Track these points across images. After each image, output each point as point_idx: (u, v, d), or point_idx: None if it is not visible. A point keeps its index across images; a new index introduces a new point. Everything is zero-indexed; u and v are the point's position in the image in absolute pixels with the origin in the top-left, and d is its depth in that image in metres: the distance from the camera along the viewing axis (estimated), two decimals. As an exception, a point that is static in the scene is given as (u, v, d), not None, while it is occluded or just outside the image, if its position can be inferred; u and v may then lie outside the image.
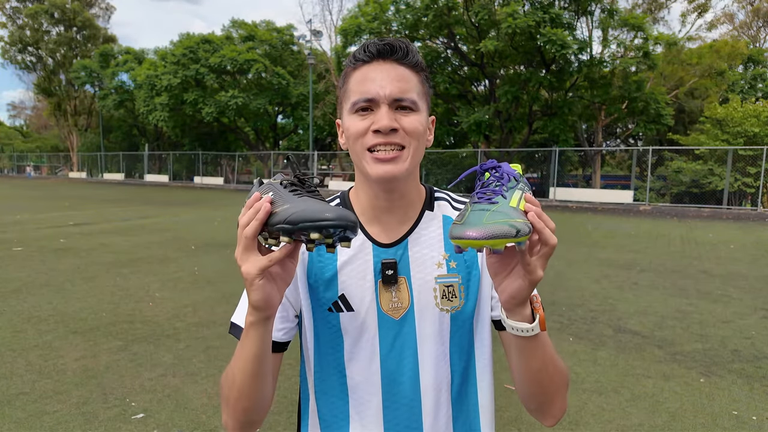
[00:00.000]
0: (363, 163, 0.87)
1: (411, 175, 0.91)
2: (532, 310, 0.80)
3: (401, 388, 0.93)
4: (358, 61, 0.89)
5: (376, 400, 0.93)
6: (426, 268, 0.93)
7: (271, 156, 32.84)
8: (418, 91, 0.88)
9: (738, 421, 3.08)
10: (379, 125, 0.84)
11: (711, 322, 5.01)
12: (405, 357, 0.92)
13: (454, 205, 1.00)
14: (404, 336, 0.92)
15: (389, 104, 0.85)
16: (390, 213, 0.94)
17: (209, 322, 4.79)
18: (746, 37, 36.14)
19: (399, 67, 0.87)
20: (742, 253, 9.17)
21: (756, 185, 18.98)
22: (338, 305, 0.92)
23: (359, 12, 24.29)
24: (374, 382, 0.93)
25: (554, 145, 23.24)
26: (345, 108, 0.90)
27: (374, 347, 0.92)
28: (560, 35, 19.34)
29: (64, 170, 52.12)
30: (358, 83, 0.87)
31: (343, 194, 1.02)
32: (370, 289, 0.92)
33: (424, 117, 0.89)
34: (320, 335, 0.95)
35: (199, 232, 11.06)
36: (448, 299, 0.92)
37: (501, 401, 3.24)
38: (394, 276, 0.91)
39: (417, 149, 0.88)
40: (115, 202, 19.35)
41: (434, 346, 0.92)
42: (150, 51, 38.72)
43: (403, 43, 0.88)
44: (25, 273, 6.70)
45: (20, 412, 3.04)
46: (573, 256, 8.64)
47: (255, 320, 0.77)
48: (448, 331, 0.93)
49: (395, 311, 0.92)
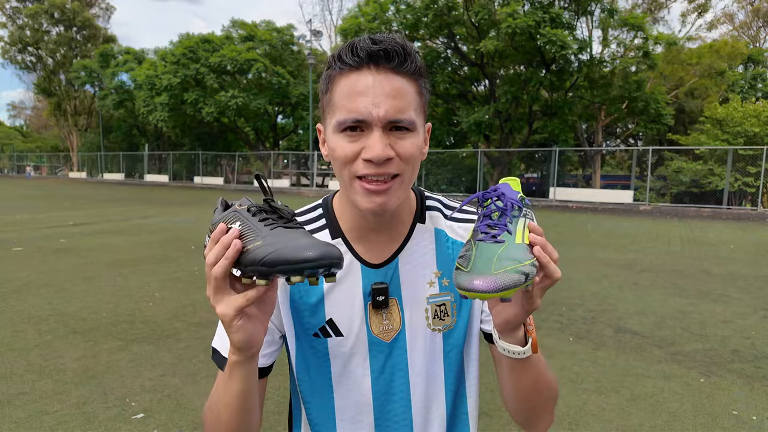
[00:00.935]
0: (351, 191, 0.78)
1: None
2: (525, 332, 0.78)
3: (393, 407, 0.90)
4: (344, 65, 0.75)
5: (368, 420, 0.90)
6: (418, 288, 0.88)
7: (271, 156, 32.85)
8: (417, 106, 0.77)
9: (738, 421, 3.08)
10: (372, 155, 0.73)
11: (711, 322, 5.01)
12: (396, 378, 0.89)
13: (446, 213, 0.93)
14: (395, 357, 0.89)
15: (383, 126, 0.73)
16: (380, 232, 0.87)
17: (209, 322, 4.79)
18: (746, 37, 36.16)
19: (395, 77, 0.74)
20: (742, 253, 9.17)
21: (756, 185, 18.98)
22: (326, 330, 0.87)
23: (359, 12, 24.28)
24: (365, 403, 0.89)
25: (554, 145, 23.24)
26: (329, 122, 0.78)
27: (365, 370, 0.88)
28: (560, 35, 19.34)
29: (64, 170, 52.11)
30: (346, 97, 0.74)
31: (325, 203, 0.92)
32: (360, 313, 0.86)
33: (421, 136, 0.79)
34: (305, 360, 0.90)
35: (199, 232, 11.05)
36: (440, 318, 0.89)
37: (499, 402, 3.23)
38: (386, 300, 0.86)
39: (412, 173, 0.79)
40: (115, 202, 19.35)
41: (426, 366, 0.89)
42: (150, 51, 38.75)
43: (399, 45, 0.74)
44: (25, 273, 6.70)
45: (20, 412, 3.04)
46: (573, 256, 8.64)
47: (239, 360, 0.71)
48: (440, 350, 0.90)
49: (386, 334, 0.88)
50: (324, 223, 0.90)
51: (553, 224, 13.79)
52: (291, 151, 34.96)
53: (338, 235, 0.88)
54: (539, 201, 22.17)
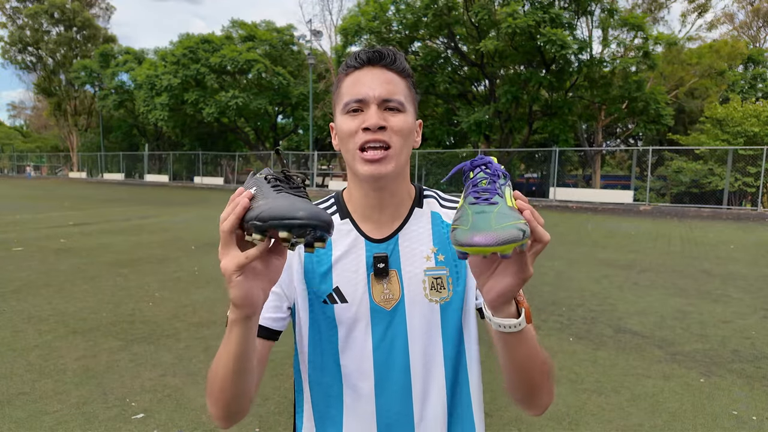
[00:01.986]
0: (354, 162, 0.94)
1: (400, 175, 0.98)
2: (517, 304, 0.80)
3: (392, 375, 0.97)
4: (350, 67, 0.97)
5: (368, 388, 0.97)
6: (415, 261, 0.98)
7: (271, 156, 32.84)
8: (405, 95, 0.95)
9: (738, 421, 3.08)
10: (369, 123, 0.90)
11: (711, 322, 5.01)
12: (396, 346, 0.97)
13: (441, 203, 1.06)
14: (396, 326, 0.97)
15: (378, 104, 0.92)
16: (381, 211, 1.00)
17: (209, 322, 4.79)
18: (746, 37, 36.15)
19: (387, 72, 0.95)
20: (742, 253, 9.17)
21: (756, 185, 18.98)
22: (333, 297, 0.97)
23: (359, 12, 24.29)
24: (366, 370, 0.97)
25: (554, 145, 23.23)
26: (338, 110, 0.97)
27: (366, 336, 0.97)
28: (560, 35, 19.34)
29: (64, 170, 52.12)
30: (350, 87, 0.94)
31: (337, 194, 1.07)
32: (363, 282, 0.97)
33: (410, 118, 0.96)
34: (316, 326, 0.99)
35: (199, 232, 11.05)
36: (437, 290, 0.98)
37: (501, 401, 3.24)
38: (386, 269, 0.97)
39: (403, 148, 0.94)
40: (115, 202, 19.35)
41: (425, 335, 0.97)
42: (150, 51, 38.72)
43: (391, 51, 0.96)
44: (25, 273, 6.70)
45: (20, 412, 3.04)
46: (573, 256, 8.64)
47: (236, 318, 0.77)
48: (438, 321, 0.98)
49: (387, 302, 0.97)
50: (335, 208, 1.05)
51: (553, 224, 13.78)
52: (291, 151, 34.98)
53: (346, 216, 1.03)
54: (539, 201, 22.16)
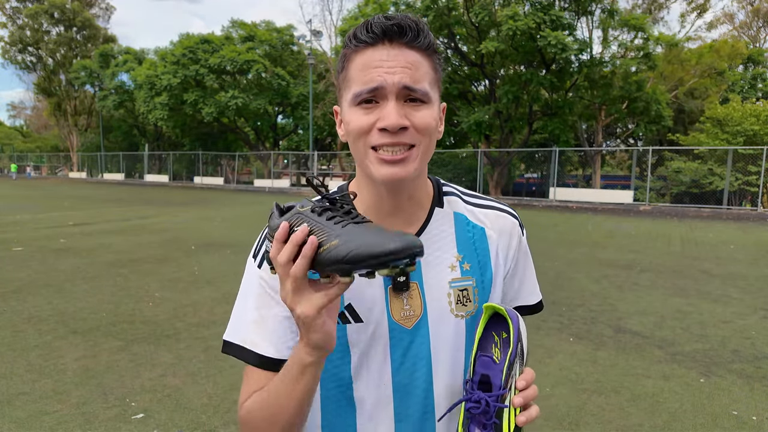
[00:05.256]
0: (366, 162, 0.78)
1: (420, 175, 0.84)
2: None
3: (415, 400, 0.85)
4: (360, 42, 0.76)
5: (387, 414, 0.85)
6: (439, 272, 0.85)
7: (271, 156, 32.84)
8: (431, 80, 0.77)
9: (738, 421, 3.08)
10: (387, 123, 0.73)
11: (711, 322, 5.01)
12: (419, 368, 0.85)
13: (464, 199, 0.93)
14: (418, 346, 0.84)
15: (397, 95, 0.74)
16: (397, 215, 0.85)
17: (209, 322, 4.79)
18: (746, 37, 36.17)
19: (408, 51, 0.75)
20: (742, 254, 9.17)
21: (756, 185, 18.98)
22: (345, 316, 0.83)
23: (359, 12, 24.29)
24: (385, 395, 0.85)
25: (554, 145, 23.24)
26: (345, 98, 0.79)
27: (385, 359, 0.84)
28: (560, 38, 19.34)
29: (64, 170, 52.11)
30: (361, 70, 0.75)
31: (341, 190, 0.90)
32: (380, 298, 0.83)
33: (436, 109, 0.79)
34: None
35: (199, 232, 11.05)
36: (462, 304, 0.85)
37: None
38: (406, 282, 0.83)
39: (428, 147, 0.79)
40: (115, 202, 19.34)
41: (449, 354, 0.86)
42: (150, 51, 38.75)
43: (412, 21, 0.76)
44: (25, 273, 6.70)
45: (20, 412, 3.04)
46: (573, 256, 8.64)
47: (315, 360, 0.70)
48: (463, 338, 0.86)
49: (407, 320, 0.84)
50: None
51: (553, 224, 13.79)
52: (291, 151, 34.99)
53: None
54: (539, 201, 22.16)
